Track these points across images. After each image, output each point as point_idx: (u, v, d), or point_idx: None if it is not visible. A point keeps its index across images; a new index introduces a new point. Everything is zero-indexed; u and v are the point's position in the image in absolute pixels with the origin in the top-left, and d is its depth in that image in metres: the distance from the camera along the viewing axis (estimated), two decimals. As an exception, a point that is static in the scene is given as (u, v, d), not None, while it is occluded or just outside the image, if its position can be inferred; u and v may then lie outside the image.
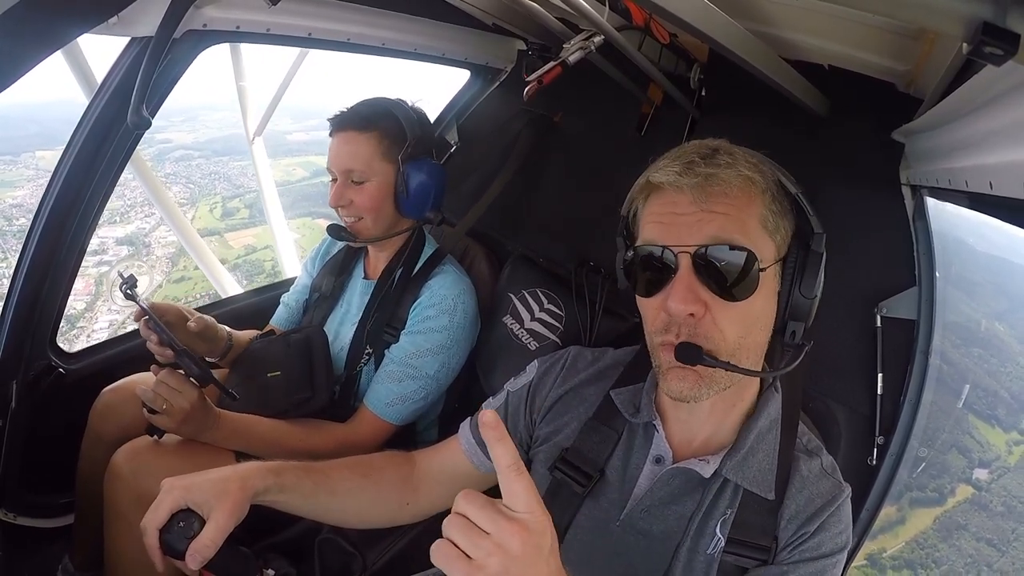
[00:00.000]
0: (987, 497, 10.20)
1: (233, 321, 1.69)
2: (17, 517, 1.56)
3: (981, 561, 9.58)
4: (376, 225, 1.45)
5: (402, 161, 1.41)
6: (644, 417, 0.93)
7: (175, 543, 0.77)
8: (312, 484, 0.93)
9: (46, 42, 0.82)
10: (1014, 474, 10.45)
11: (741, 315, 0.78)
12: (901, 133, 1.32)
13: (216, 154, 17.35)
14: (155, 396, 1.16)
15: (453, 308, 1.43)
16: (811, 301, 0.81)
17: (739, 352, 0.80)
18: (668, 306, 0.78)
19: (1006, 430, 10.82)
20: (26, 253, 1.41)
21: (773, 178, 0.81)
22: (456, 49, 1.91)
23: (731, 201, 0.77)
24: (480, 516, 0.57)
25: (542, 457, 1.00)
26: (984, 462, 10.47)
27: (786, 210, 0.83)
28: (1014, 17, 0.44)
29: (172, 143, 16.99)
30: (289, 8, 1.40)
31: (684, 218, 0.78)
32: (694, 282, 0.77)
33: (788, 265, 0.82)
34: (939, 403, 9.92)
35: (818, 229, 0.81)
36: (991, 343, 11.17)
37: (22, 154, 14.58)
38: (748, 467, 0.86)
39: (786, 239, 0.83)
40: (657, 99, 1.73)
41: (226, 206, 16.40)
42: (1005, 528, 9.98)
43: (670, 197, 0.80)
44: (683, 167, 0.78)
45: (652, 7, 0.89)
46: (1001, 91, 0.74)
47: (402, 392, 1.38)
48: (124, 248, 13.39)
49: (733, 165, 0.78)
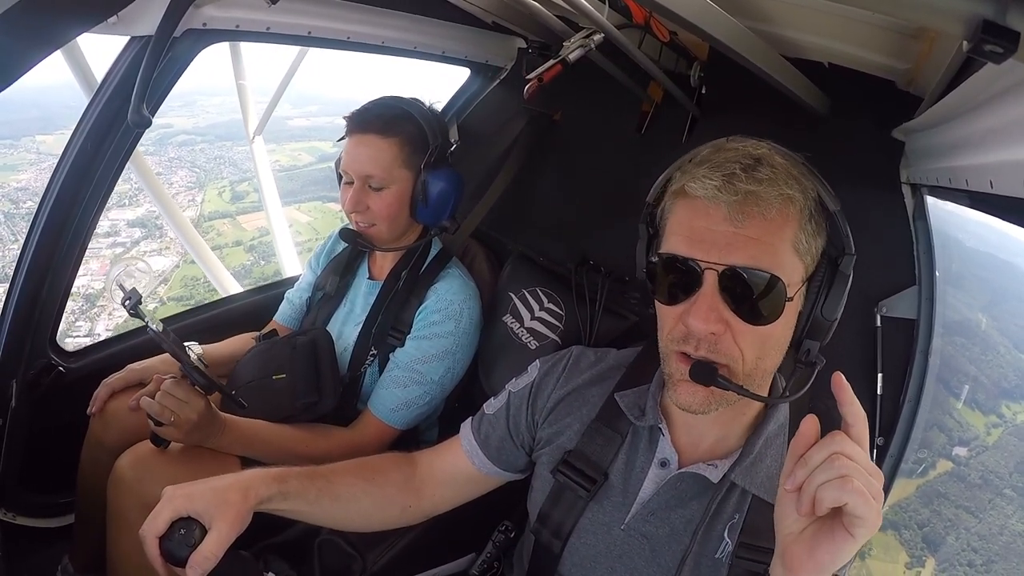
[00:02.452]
0: (966, 471, 10.86)
1: (232, 320, 1.69)
2: (16, 517, 1.56)
3: (960, 525, 10.26)
4: (390, 232, 1.44)
5: (424, 169, 1.38)
6: (650, 420, 0.92)
7: (176, 551, 0.76)
8: (316, 491, 0.92)
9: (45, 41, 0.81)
10: (991, 452, 11.10)
11: (762, 337, 0.77)
12: (901, 131, 1.31)
13: (219, 139, 17.31)
14: (161, 409, 1.14)
15: (459, 314, 1.42)
16: (830, 323, 0.79)
17: (756, 371, 0.79)
18: (689, 323, 0.76)
19: (985, 413, 11.49)
20: (27, 252, 1.41)
21: (813, 194, 0.78)
22: (456, 47, 1.90)
23: (766, 224, 0.74)
24: (859, 457, 0.61)
25: (545, 459, 1.00)
26: (964, 440, 11.06)
27: (821, 229, 0.79)
28: (1014, 15, 0.44)
29: (173, 128, 16.95)
30: (289, 7, 1.40)
31: (716, 234, 0.74)
32: (718, 301, 0.74)
33: (814, 284, 0.79)
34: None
35: (850, 251, 0.78)
36: (974, 333, 11.67)
37: (22, 138, 14.55)
38: (756, 472, 0.86)
39: (816, 258, 0.79)
40: (657, 97, 1.73)
41: (235, 190, 16.44)
42: (982, 498, 10.63)
43: (704, 208, 0.76)
44: (723, 181, 0.73)
45: (652, 5, 0.89)
46: (1001, 89, 0.74)
47: (407, 398, 1.38)
48: (137, 230, 13.25)
49: (774, 181, 0.74)
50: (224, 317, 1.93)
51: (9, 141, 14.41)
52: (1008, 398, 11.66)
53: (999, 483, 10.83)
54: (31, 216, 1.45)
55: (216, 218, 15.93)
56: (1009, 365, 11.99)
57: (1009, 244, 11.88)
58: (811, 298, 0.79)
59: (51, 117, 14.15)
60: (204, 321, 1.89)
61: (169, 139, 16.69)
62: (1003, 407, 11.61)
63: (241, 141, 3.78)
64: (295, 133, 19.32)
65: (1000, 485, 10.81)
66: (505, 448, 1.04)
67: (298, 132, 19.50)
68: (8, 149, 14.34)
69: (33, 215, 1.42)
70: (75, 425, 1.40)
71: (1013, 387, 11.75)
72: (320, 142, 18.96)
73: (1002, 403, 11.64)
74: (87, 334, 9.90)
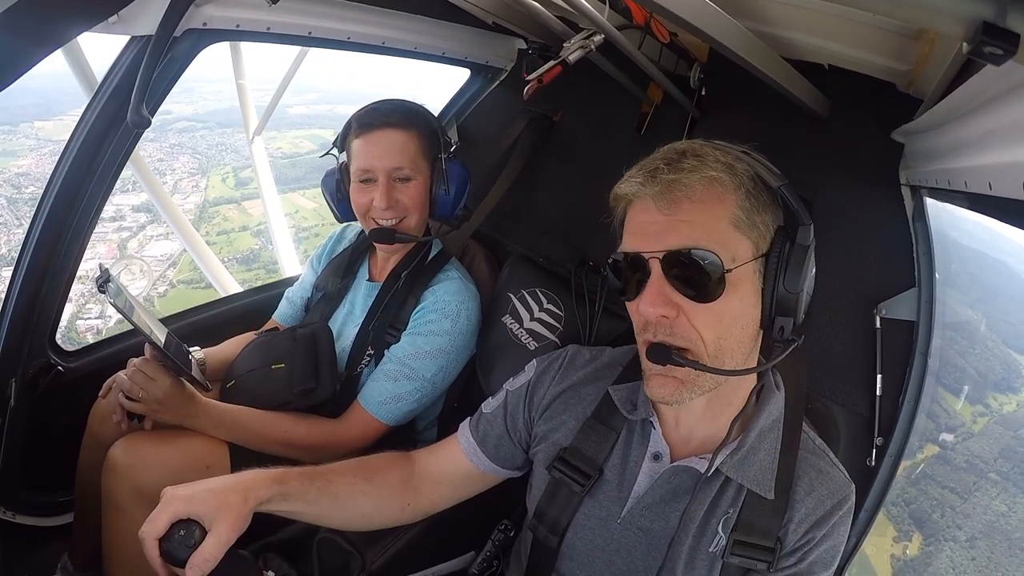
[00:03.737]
0: (952, 455, 11.60)
1: (232, 320, 1.69)
2: (16, 515, 1.56)
3: (945, 504, 10.97)
4: (418, 224, 1.47)
5: (445, 160, 1.44)
6: (641, 414, 0.93)
7: (175, 552, 0.76)
8: (315, 491, 0.93)
9: (46, 40, 0.82)
10: (977, 439, 11.86)
11: (716, 315, 0.79)
12: (901, 133, 1.31)
13: (220, 126, 17.51)
14: (131, 385, 1.19)
15: (456, 314, 1.42)
16: (796, 295, 0.80)
17: (721, 353, 0.80)
18: (640, 309, 0.80)
19: (972, 403, 12.27)
20: (26, 251, 1.41)
21: (749, 174, 0.80)
22: (456, 48, 1.90)
23: (695, 206, 0.78)
24: None
25: (541, 456, 1.01)
26: (951, 427, 11.76)
27: (765, 204, 0.81)
28: (1014, 17, 0.44)
29: (173, 114, 17.10)
30: (289, 7, 1.40)
31: (653, 226, 0.80)
32: (665, 286, 0.79)
33: (772, 260, 0.80)
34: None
35: (804, 221, 0.79)
36: (962, 327, 12.29)
37: (20, 124, 14.68)
38: (749, 465, 0.87)
39: (767, 234, 0.81)
40: (657, 98, 1.73)
41: (239, 176, 16.67)
42: (967, 480, 11.35)
43: (639, 205, 0.82)
44: (645, 176, 0.80)
45: (652, 6, 0.89)
46: (1001, 91, 0.74)
47: (396, 391, 1.38)
48: (142, 215, 13.36)
49: (698, 168, 0.78)
50: (224, 317, 1.93)
51: (7, 127, 14.53)
52: (995, 390, 12.37)
53: (984, 467, 11.49)
54: (34, 201, 1.45)
55: (222, 203, 16.18)
56: (997, 359, 12.79)
57: (1000, 243, 12.34)
58: (771, 274, 0.80)
59: (49, 103, 14.23)
60: (204, 321, 1.89)
61: (169, 125, 16.82)
62: (990, 398, 12.33)
63: (240, 128, 3.81)
64: (295, 121, 19.51)
65: (985, 469, 11.46)
66: (503, 446, 1.05)
67: (298, 120, 19.69)
68: (6, 135, 14.45)
69: (33, 214, 1.42)
70: (74, 424, 1.40)
71: (1000, 379, 12.48)
72: (320, 130, 19.24)
73: (989, 394, 12.36)
74: (99, 316, 10.04)
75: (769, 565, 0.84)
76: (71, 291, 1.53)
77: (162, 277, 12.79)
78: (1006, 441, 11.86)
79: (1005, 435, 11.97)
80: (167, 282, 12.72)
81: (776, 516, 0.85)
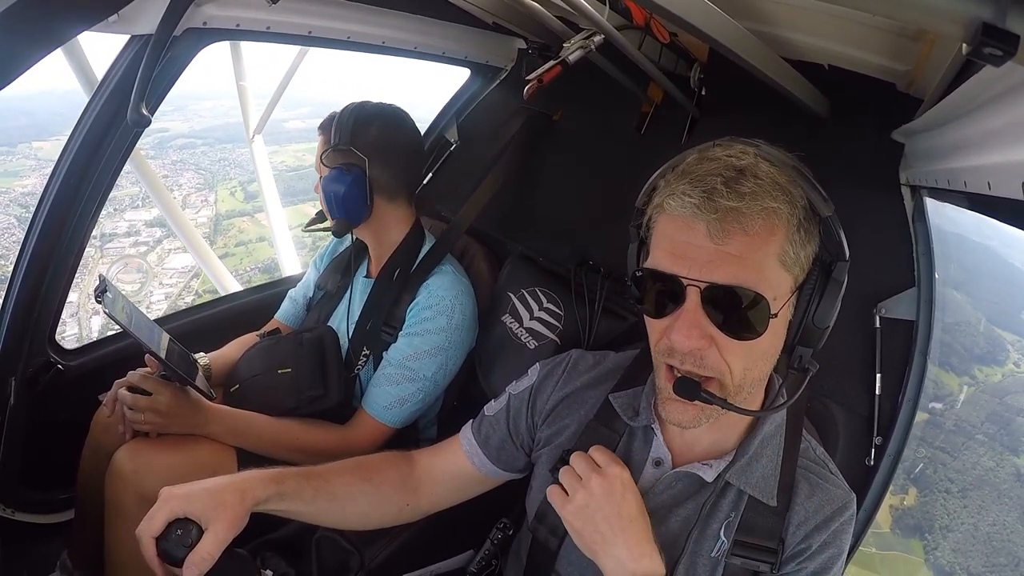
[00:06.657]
0: (941, 420, 12.87)
1: (232, 319, 1.69)
2: (16, 513, 1.56)
3: (937, 462, 12.25)
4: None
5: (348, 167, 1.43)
6: (643, 420, 0.93)
7: (172, 551, 0.77)
8: (313, 490, 0.92)
9: (46, 40, 0.81)
10: (964, 406, 13.18)
11: (748, 350, 0.76)
12: (901, 133, 1.31)
13: (219, 142, 17.66)
14: (134, 413, 1.21)
15: (451, 309, 1.42)
16: (822, 331, 0.77)
17: (746, 383, 0.78)
18: (673, 339, 0.75)
19: (959, 375, 13.62)
20: (26, 250, 1.41)
21: (803, 201, 0.74)
22: (456, 48, 1.90)
23: (749, 240, 0.71)
24: (579, 465, 0.87)
25: (544, 459, 1.01)
26: (939, 397, 12.98)
27: (811, 236, 0.76)
28: (1014, 18, 0.44)
29: (169, 132, 17.27)
30: (289, 6, 1.40)
31: (698, 251, 0.72)
32: (701, 317, 0.73)
33: (805, 291, 0.77)
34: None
35: (844, 257, 0.75)
36: (948, 306, 13.29)
37: (18, 144, 14.85)
38: (752, 472, 0.86)
39: (806, 267, 0.77)
40: (657, 98, 1.73)
41: (247, 189, 16.91)
42: (956, 441, 12.64)
43: (685, 223, 0.73)
44: (702, 198, 0.71)
45: (652, 6, 0.89)
46: (1000, 91, 0.74)
47: (400, 395, 1.38)
48: (156, 230, 13.58)
49: (757, 195, 0.70)
50: (224, 316, 1.93)
51: (5, 148, 14.77)
52: (981, 363, 13.84)
53: (972, 430, 12.80)
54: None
55: (234, 216, 16.48)
56: (981, 335, 14.25)
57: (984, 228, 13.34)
58: (802, 306, 0.77)
59: (42, 124, 14.54)
60: (204, 320, 1.89)
61: (168, 143, 17.00)
62: (975, 370, 13.79)
63: (242, 144, 3.82)
64: (293, 135, 19.68)
65: (972, 431, 12.76)
66: (505, 449, 1.05)
67: (296, 134, 19.87)
68: (5, 156, 14.70)
69: (33, 214, 1.42)
70: (74, 422, 1.40)
71: (984, 353, 14.00)
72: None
73: (975, 367, 13.83)
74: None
75: (772, 567, 0.83)
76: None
77: (187, 287, 13.09)
78: (992, 407, 13.03)
79: (991, 402, 13.18)
80: (193, 292, 12.99)
81: (778, 517, 0.85)
